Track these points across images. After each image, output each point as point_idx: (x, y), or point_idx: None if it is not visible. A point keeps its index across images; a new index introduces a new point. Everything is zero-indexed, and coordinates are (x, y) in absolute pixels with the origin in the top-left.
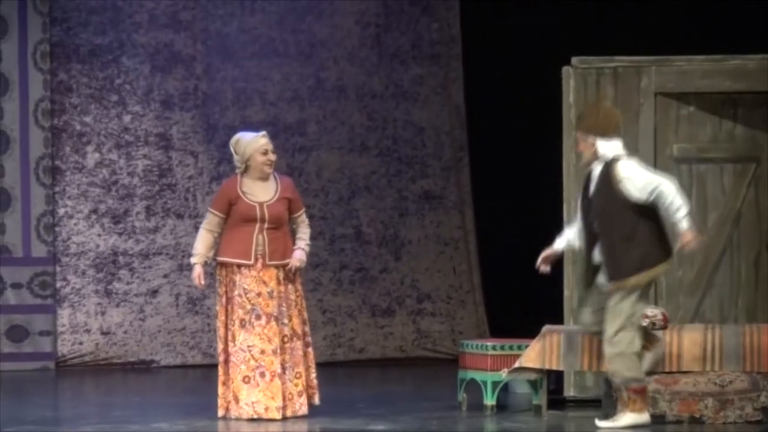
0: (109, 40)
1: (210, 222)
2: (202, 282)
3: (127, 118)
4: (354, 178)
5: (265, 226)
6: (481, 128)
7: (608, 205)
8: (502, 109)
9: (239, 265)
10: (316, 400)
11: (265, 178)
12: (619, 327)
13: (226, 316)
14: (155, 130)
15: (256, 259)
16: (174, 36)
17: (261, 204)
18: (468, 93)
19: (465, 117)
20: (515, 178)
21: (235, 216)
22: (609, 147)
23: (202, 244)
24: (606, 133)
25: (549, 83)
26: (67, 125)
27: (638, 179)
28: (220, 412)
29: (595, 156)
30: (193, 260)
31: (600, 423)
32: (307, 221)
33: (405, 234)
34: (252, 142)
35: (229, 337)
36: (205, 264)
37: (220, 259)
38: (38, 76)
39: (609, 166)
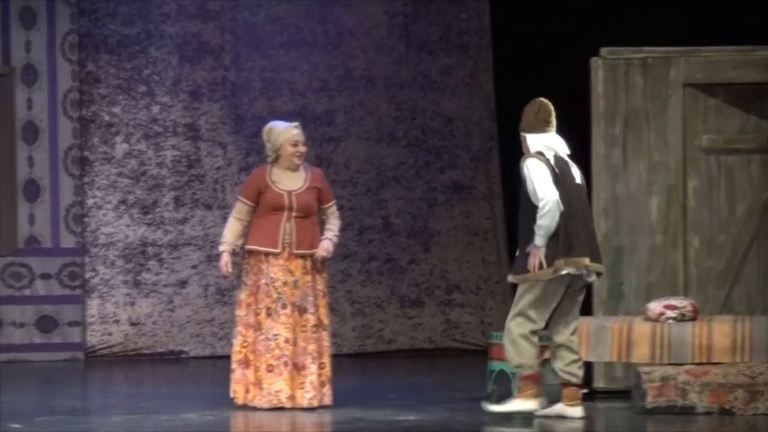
0: (137, 31)
1: (239, 210)
2: (230, 270)
3: (155, 109)
4: (382, 169)
5: (293, 214)
6: (510, 118)
7: (521, 201)
8: (531, 100)
9: (267, 254)
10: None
11: (294, 168)
12: (513, 314)
13: (256, 305)
14: (183, 120)
15: (283, 248)
16: (202, 26)
17: (289, 192)
18: (497, 83)
19: (494, 107)
20: None
21: (263, 204)
22: (534, 142)
23: (230, 233)
24: (534, 128)
25: (578, 74)
26: (96, 116)
27: (530, 184)
28: (244, 400)
29: (529, 152)
30: (221, 248)
31: (489, 406)
32: (337, 213)
33: (434, 225)
34: (284, 132)
35: (256, 326)
36: (233, 253)
37: (248, 247)
38: (67, 67)
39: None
